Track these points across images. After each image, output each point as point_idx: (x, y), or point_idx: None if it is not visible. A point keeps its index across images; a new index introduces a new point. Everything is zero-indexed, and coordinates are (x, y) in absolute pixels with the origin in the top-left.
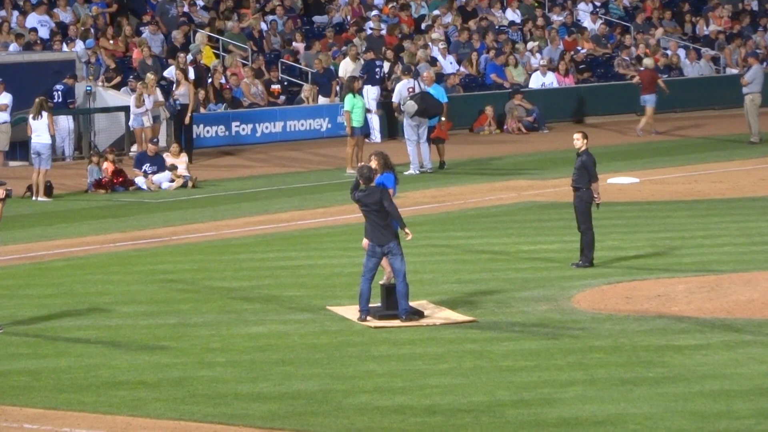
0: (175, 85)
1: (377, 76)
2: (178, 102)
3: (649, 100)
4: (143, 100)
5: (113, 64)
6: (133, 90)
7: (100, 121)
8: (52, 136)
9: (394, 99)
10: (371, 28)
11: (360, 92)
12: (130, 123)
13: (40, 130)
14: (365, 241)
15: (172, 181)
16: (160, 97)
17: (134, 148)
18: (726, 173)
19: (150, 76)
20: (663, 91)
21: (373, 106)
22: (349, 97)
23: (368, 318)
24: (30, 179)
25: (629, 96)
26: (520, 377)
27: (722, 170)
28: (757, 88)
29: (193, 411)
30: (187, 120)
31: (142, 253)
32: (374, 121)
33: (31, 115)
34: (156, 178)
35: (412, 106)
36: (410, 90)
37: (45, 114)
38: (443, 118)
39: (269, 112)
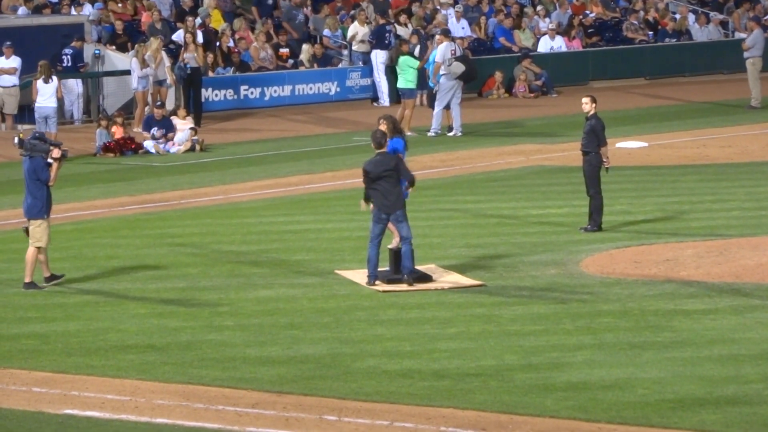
0: (183, 49)
1: (386, 41)
2: (188, 66)
3: None
4: (147, 62)
5: (122, 27)
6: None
7: (109, 84)
8: (60, 99)
9: (438, 59)
10: None
11: (409, 53)
12: (133, 86)
13: (48, 94)
14: (362, 204)
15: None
16: (168, 61)
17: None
18: (734, 138)
19: (154, 41)
20: None
21: (381, 70)
22: (400, 59)
23: (376, 282)
24: None
25: (638, 60)
26: (529, 341)
27: (730, 135)
28: (758, 52)
29: (201, 375)
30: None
31: (151, 217)
32: (383, 85)
33: (41, 79)
34: (175, 139)
35: (459, 66)
36: (452, 52)
37: (55, 78)
38: None
39: (278, 75)
